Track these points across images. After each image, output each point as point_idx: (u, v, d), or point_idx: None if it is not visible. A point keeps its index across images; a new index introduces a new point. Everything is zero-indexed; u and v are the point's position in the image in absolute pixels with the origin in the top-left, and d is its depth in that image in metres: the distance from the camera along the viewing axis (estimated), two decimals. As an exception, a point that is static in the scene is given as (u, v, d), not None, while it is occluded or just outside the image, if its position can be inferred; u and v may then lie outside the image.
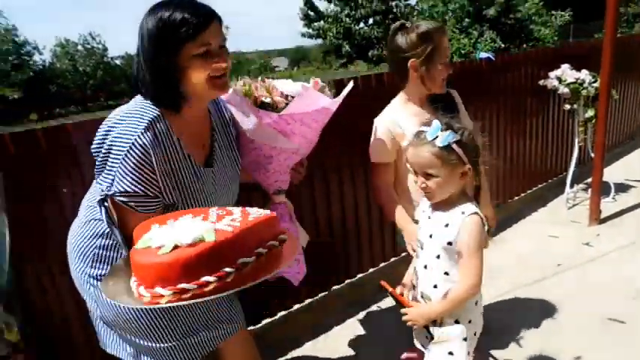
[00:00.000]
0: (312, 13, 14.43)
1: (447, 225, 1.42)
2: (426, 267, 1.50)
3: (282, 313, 2.46)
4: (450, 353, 1.50)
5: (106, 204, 1.26)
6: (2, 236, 1.47)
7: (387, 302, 2.62)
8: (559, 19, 6.75)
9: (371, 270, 2.81)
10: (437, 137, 1.35)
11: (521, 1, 6.57)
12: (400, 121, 1.74)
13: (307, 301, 2.54)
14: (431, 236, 1.48)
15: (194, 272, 0.90)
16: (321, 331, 2.49)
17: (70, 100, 45.49)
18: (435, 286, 1.47)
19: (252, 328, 2.26)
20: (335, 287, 2.65)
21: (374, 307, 2.67)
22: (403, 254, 2.28)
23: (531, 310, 2.46)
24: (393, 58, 1.74)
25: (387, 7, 13.32)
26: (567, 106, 3.58)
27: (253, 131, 1.48)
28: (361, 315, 2.61)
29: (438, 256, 1.45)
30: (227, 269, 0.92)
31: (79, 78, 46.83)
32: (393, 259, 2.88)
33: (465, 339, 1.50)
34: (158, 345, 1.38)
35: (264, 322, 2.39)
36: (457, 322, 1.49)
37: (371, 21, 13.74)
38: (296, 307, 2.51)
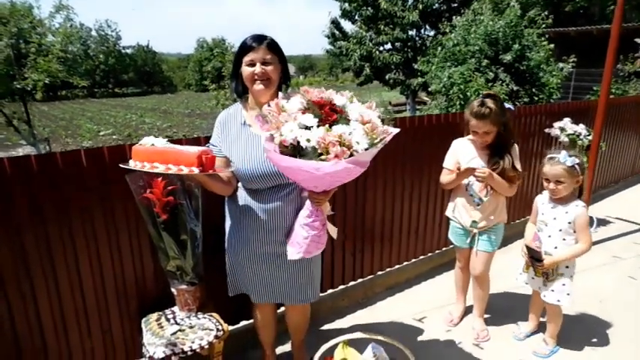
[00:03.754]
0: (337, 32, 15.43)
1: (566, 212, 2.43)
2: (550, 236, 2.50)
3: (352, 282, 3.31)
4: (563, 284, 2.51)
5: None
6: (197, 198, 2.01)
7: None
8: (564, 70, 7.81)
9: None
10: (566, 160, 2.31)
11: (533, 51, 7.57)
12: (461, 150, 2.68)
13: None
14: (555, 218, 2.47)
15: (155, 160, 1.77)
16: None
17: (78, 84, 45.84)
18: (556, 247, 2.48)
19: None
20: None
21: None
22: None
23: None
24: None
25: (407, 36, 14.33)
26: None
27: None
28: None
29: (560, 230, 2.45)
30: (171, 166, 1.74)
31: (89, 63, 47.22)
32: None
33: (572, 276, 2.53)
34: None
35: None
36: (567, 267, 2.51)
37: (389, 46, 14.76)
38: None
